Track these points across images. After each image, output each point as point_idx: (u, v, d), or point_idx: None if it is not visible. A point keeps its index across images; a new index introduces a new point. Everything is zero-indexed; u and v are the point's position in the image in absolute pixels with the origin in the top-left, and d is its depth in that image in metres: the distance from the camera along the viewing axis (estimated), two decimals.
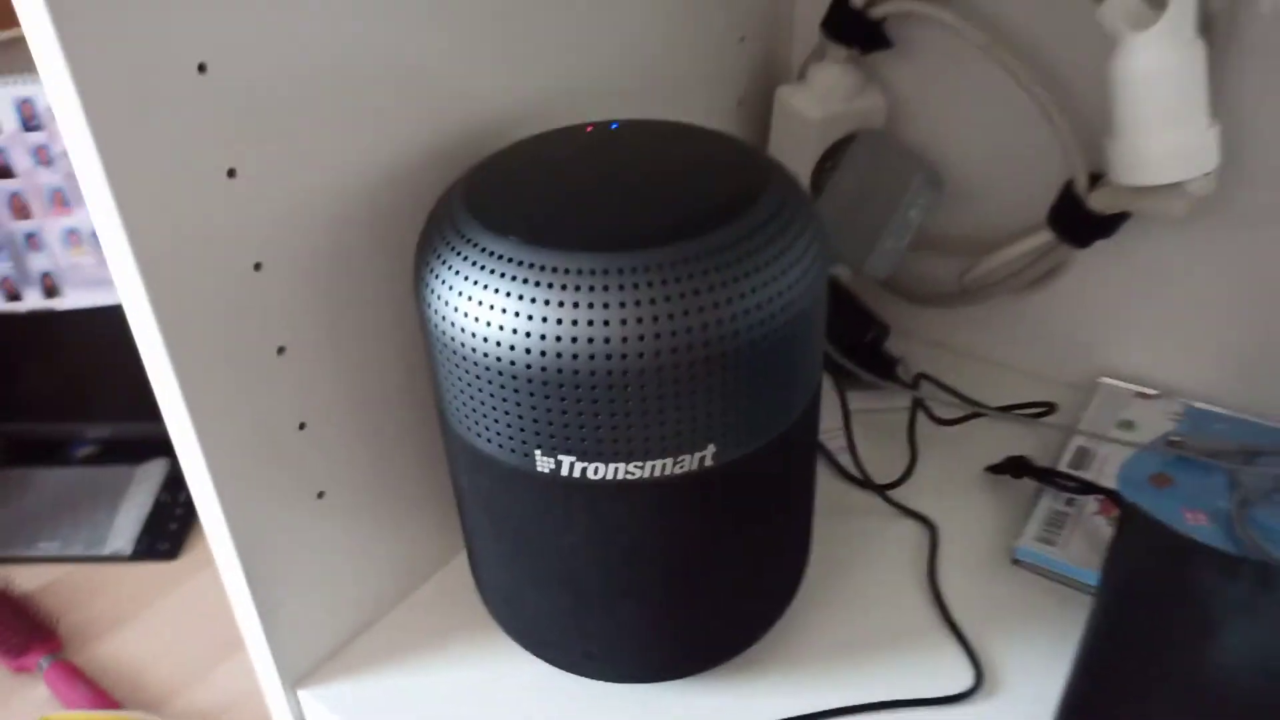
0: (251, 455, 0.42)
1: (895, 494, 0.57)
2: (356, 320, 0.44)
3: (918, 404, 0.61)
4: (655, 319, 0.34)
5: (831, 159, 0.63)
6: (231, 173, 0.37)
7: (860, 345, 0.63)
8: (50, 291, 0.99)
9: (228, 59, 0.35)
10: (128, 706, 1.01)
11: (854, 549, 0.53)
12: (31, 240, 1.03)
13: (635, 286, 0.34)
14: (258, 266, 0.39)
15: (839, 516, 0.55)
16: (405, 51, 0.42)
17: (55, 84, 0.32)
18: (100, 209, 0.34)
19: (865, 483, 0.57)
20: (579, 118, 0.52)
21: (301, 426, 0.43)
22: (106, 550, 0.96)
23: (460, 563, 0.54)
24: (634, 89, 0.56)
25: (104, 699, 1.01)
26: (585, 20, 0.50)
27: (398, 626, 0.51)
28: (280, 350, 0.41)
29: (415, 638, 0.50)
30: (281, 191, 0.39)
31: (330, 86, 0.39)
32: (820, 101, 0.62)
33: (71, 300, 0.98)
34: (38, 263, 1.01)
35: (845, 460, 0.58)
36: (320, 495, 0.45)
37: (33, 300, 1.01)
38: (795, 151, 0.63)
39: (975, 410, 0.60)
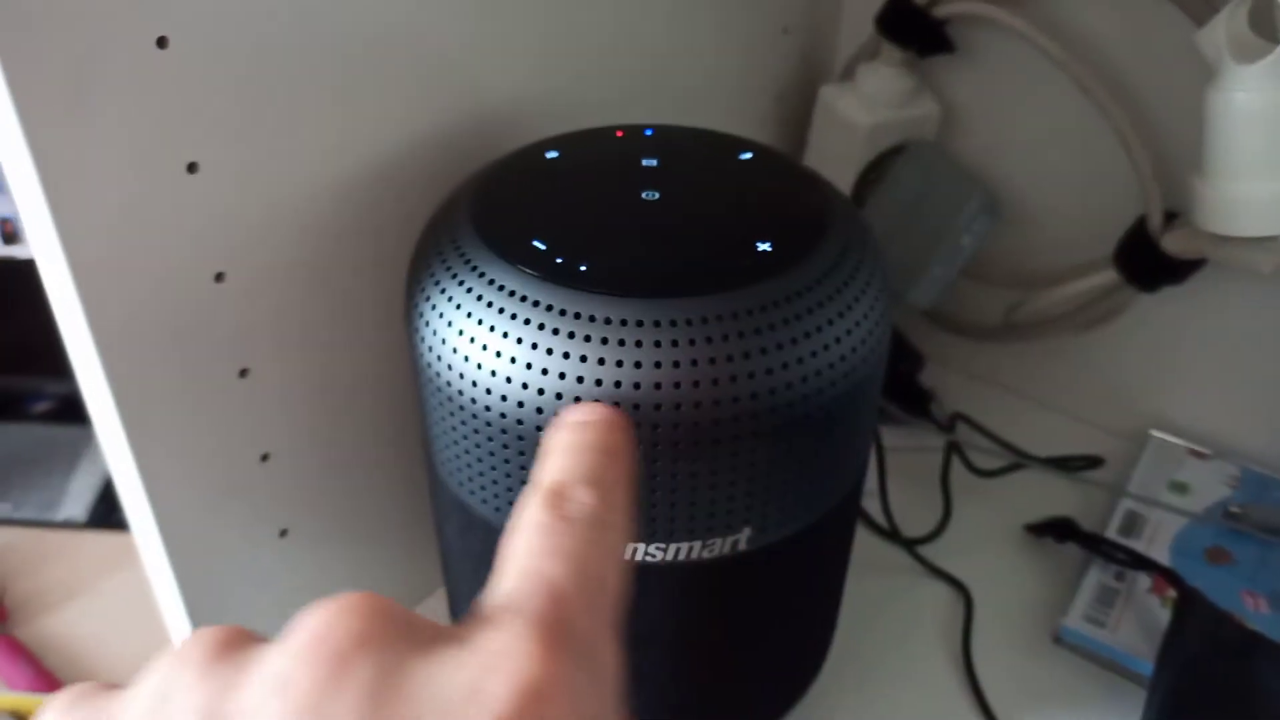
0: (207, 488, 0.36)
1: (925, 551, 0.51)
2: (332, 342, 0.38)
3: (953, 449, 0.55)
4: (696, 383, 0.28)
5: (874, 170, 0.57)
6: (192, 167, 0.31)
7: (891, 375, 0.57)
8: (9, 238, 0.92)
9: (191, 30, 0.29)
10: None
11: (880, 613, 0.48)
12: None
13: (674, 343, 0.28)
14: (219, 277, 0.33)
15: (864, 572, 0.49)
16: (404, 24, 0.36)
17: None
18: (27, 200, 0.28)
19: (894, 535, 0.51)
20: (606, 102, 0.45)
21: (264, 458, 0.37)
22: (60, 516, 0.90)
23: (435, 604, 0.48)
24: (666, 72, 0.49)
25: (48, 680, 0.95)
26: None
27: None
28: (243, 373, 0.35)
29: None
30: (252, 188, 0.33)
31: (319, 64, 0.33)
32: (869, 106, 0.55)
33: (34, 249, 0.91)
34: None
35: (873, 508, 0.52)
36: (283, 534, 0.39)
37: None
38: (837, 160, 0.57)
39: (1016, 461, 0.55)
